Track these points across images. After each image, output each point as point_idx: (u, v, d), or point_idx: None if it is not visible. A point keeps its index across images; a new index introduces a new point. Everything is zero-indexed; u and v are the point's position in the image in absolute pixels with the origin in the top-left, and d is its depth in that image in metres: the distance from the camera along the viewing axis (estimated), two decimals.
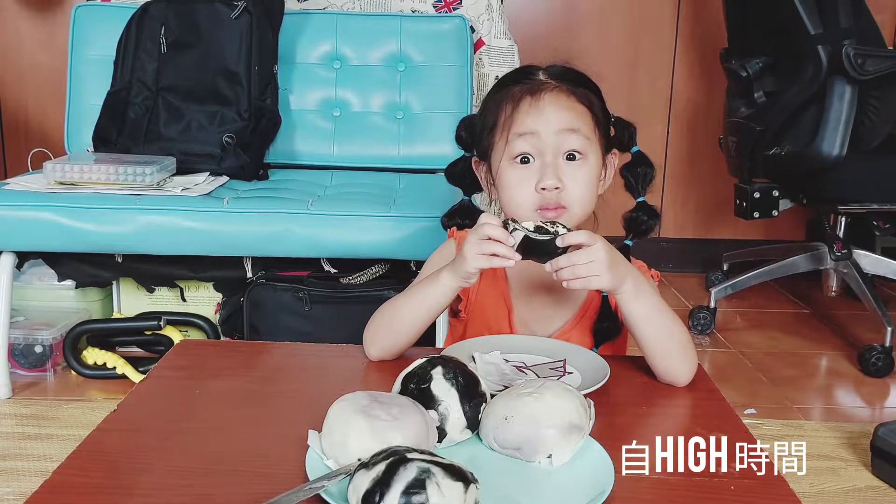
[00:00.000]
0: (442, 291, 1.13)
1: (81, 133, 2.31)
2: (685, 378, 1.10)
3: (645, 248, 3.40)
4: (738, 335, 2.61)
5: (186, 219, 1.91)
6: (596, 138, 1.18)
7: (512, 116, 1.16)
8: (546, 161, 1.14)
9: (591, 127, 1.17)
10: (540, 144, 1.14)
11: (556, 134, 1.14)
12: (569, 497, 0.83)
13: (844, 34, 2.24)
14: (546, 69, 1.22)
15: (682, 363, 1.10)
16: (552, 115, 1.15)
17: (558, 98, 1.16)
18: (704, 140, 3.12)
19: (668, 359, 1.10)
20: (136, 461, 0.89)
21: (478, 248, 1.06)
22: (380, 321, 1.17)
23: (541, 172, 1.14)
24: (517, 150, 1.15)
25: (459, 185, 1.31)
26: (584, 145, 1.15)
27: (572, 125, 1.14)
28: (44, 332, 2.15)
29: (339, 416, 0.87)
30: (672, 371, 1.10)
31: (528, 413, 0.89)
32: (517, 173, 1.16)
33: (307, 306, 1.97)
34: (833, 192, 2.47)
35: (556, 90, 1.17)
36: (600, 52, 3.10)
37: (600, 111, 1.20)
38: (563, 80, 1.19)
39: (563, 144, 1.14)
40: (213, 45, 2.23)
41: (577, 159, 1.15)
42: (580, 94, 1.18)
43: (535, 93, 1.16)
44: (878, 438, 1.73)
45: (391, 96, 2.41)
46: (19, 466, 1.72)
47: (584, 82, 1.21)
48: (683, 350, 1.10)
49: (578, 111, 1.17)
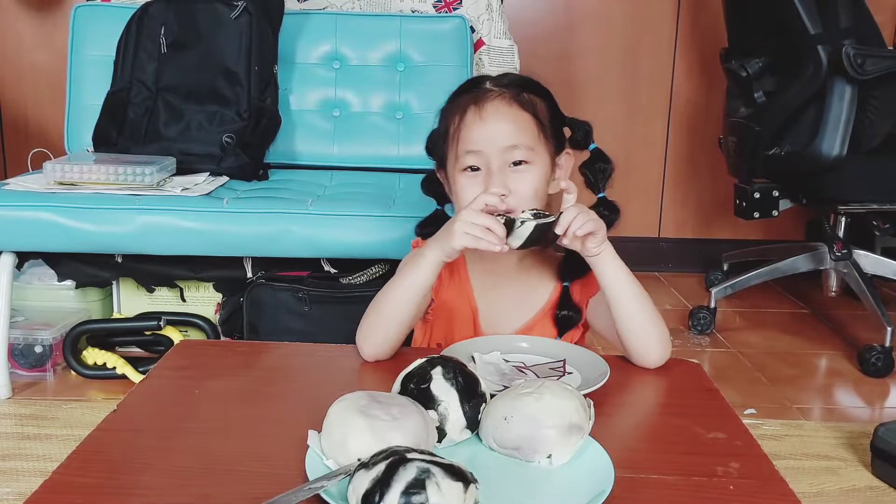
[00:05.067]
0: (425, 265, 1.16)
1: (81, 133, 2.31)
2: (658, 354, 1.15)
3: (645, 248, 3.43)
4: (738, 335, 2.61)
5: (186, 219, 1.91)
6: (542, 143, 1.23)
7: (459, 128, 1.22)
8: (493, 171, 1.20)
9: (534, 135, 1.22)
10: (485, 160, 1.20)
11: (500, 151, 1.20)
12: (569, 497, 0.83)
13: (844, 34, 2.24)
14: (494, 78, 1.27)
15: (657, 336, 1.15)
16: (495, 129, 1.20)
17: (500, 108, 1.22)
18: (704, 140, 3.12)
19: (644, 326, 1.14)
20: (136, 461, 0.89)
21: (468, 227, 1.10)
22: (369, 316, 1.19)
23: (487, 181, 1.19)
24: (465, 163, 1.22)
25: (432, 196, 1.37)
26: (528, 154, 1.21)
27: (514, 141, 1.20)
28: (44, 332, 2.14)
29: (338, 416, 0.87)
30: (645, 342, 1.14)
31: (527, 413, 0.89)
32: (467, 181, 1.22)
33: (307, 306, 1.97)
34: (833, 192, 2.47)
35: (499, 98, 1.22)
36: (600, 52, 3.10)
37: (547, 115, 1.26)
38: (507, 86, 1.24)
39: (507, 157, 1.20)
40: (212, 45, 2.23)
41: (523, 166, 1.21)
42: (524, 101, 1.23)
43: (479, 102, 1.22)
44: (878, 438, 1.73)
45: (391, 96, 2.41)
46: (19, 466, 1.72)
47: (529, 87, 1.26)
48: (657, 321, 1.15)
49: (521, 121, 1.22)
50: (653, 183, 3.20)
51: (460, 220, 1.11)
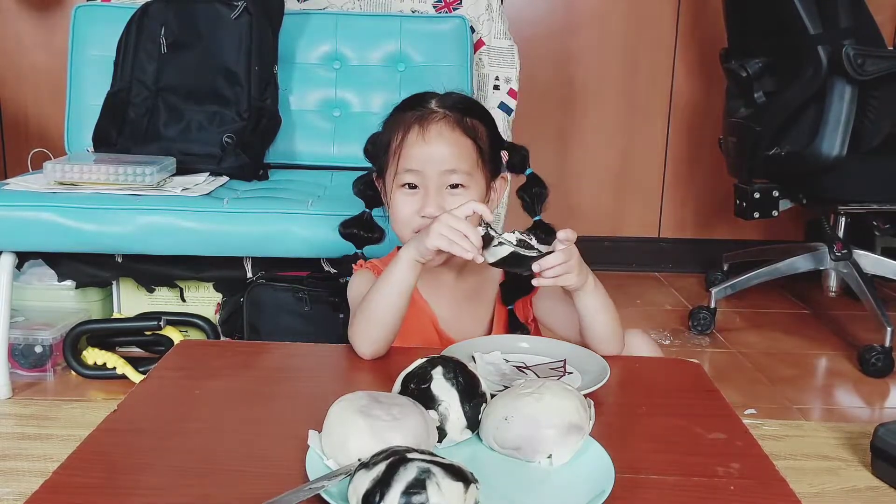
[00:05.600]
0: (401, 265, 1.18)
1: (81, 133, 2.31)
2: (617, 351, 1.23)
3: (644, 248, 3.43)
4: (738, 335, 2.61)
5: (186, 219, 1.91)
6: (479, 169, 1.28)
7: (401, 145, 1.27)
8: (430, 191, 1.25)
9: (473, 160, 1.27)
10: (424, 180, 1.25)
11: (439, 174, 1.24)
12: (569, 497, 0.83)
13: (844, 34, 2.24)
14: (440, 97, 1.30)
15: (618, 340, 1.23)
16: (436, 151, 1.25)
17: (443, 131, 1.25)
18: (704, 140, 3.12)
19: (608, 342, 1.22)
20: (136, 461, 0.89)
21: (445, 230, 1.12)
22: (357, 319, 1.20)
23: (423, 201, 1.24)
24: (404, 180, 1.26)
25: (363, 198, 1.41)
26: (465, 179, 1.26)
27: (453, 165, 1.25)
28: (44, 332, 2.14)
29: (338, 417, 0.87)
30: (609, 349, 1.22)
31: (527, 413, 0.89)
32: (404, 198, 1.27)
33: (307, 306, 1.97)
34: (833, 192, 2.47)
35: (443, 121, 1.26)
36: (600, 52, 3.10)
37: (486, 141, 1.30)
38: (452, 109, 1.28)
39: (445, 180, 1.25)
40: (212, 45, 2.23)
41: (459, 189, 1.26)
42: (466, 127, 1.27)
43: (423, 123, 1.26)
44: (878, 438, 1.73)
45: (391, 96, 2.40)
46: (19, 466, 1.72)
47: (473, 111, 1.30)
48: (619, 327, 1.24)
49: (462, 146, 1.26)
50: (653, 183, 3.19)
51: (439, 222, 1.14)
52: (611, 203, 3.19)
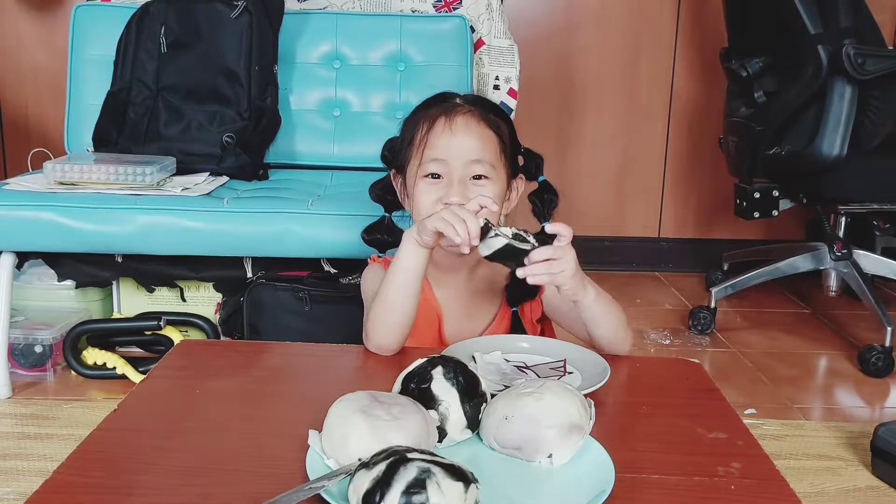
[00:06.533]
0: (405, 249, 1.19)
1: (81, 133, 2.31)
2: (626, 350, 1.24)
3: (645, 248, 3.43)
4: (739, 335, 2.61)
5: (186, 219, 1.91)
6: (501, 164, 1.30)
7: (427, 136, 1.28)
8: (454, 181, 1.26)
9: (496, 154, 1.29)
10: (448, 170, 1.26)
11: (464, 164, 1.26)
12: (569, 497, 0.83)
13: (844, 34, 2.24)
14: (462, 95, 1.34)
15: (623, 342, 1.23)
16: (462, 142, 1.26)
17: (469, 123, 1.28)
18: (704, 140, 3.12)
19: (614, 343, 1.23)
20: (136, 461, 0.89)
21: (446, 213, 1.13)
22: (374, 306, 1.21)
23: (447, 189, 1.26)
24: (428, 169, 1.27)
25: (381, 203, 1.42)
26: (488, 170, 1.27)
27: (479, 156, 1.27)
28: (44, 332, 2.14)
29: (339, 416, 0.87)
30: (616, 350, 1.22)
31: (528, 413, 0.89)
32: (427, 187, 1.28)
33: (307, 306, 1.97)
34: (833, 192, 2.47)
35: (468, 114, 1.29)
36: (600, 52, 3.10)
37: (508, 138, 1.33)
38: (476, 105, 1.31)
39: (469, 170, 1.27)
40: (212, 44, 2.23)
41: (483, 180, 1.27)
42: (490, 120, 1.30)
43: (449, 114, 1.28)
44: (878, 438, 1.73)
45: (391, 96, 2.41)
46: (19, 466, 1.72)
47: (495, 110, 1.34)
48: (626, 327, 1.24)
49: (486, 138, 1.28)
50: (653, 183, 3.19)
51: (446, 208, 1.15)
52: (611, 203, 3.19)
